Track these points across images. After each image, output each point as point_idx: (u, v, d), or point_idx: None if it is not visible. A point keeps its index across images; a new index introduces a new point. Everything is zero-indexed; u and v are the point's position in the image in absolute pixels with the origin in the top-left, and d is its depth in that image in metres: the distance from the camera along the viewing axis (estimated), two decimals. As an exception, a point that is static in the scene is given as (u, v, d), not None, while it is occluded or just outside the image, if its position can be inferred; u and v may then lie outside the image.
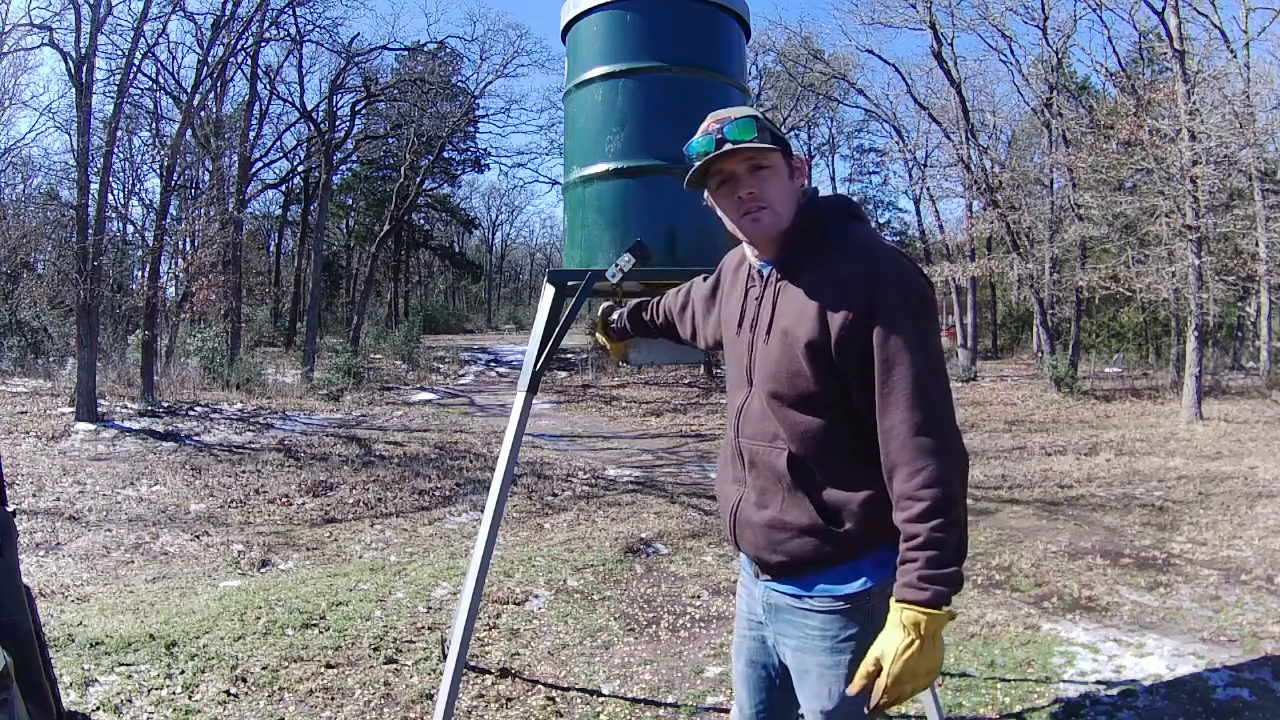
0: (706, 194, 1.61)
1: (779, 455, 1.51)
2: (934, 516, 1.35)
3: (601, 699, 3.31)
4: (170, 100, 18.61)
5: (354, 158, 27.98)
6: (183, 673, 3.35)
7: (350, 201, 36.51)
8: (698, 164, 1.53)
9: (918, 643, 1.33)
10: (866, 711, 1.37)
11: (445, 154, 30.33)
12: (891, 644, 1.34)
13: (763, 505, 1.55)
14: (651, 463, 10.27)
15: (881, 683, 1.34)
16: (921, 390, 1.39)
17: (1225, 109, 13.74)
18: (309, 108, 23.01)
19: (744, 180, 1.51)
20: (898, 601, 1.35)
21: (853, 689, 1.39)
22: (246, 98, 21.66)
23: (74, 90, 11.73)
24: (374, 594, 4.52)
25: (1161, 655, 3.69)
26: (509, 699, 3.28)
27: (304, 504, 7.68)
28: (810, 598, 1.52)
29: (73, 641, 3.62)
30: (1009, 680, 3.45)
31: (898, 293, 1.42)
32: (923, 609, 1.33)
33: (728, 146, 1.48)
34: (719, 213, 1.60)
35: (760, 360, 1.55)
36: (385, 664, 3.55)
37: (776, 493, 1.52)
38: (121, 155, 17.52)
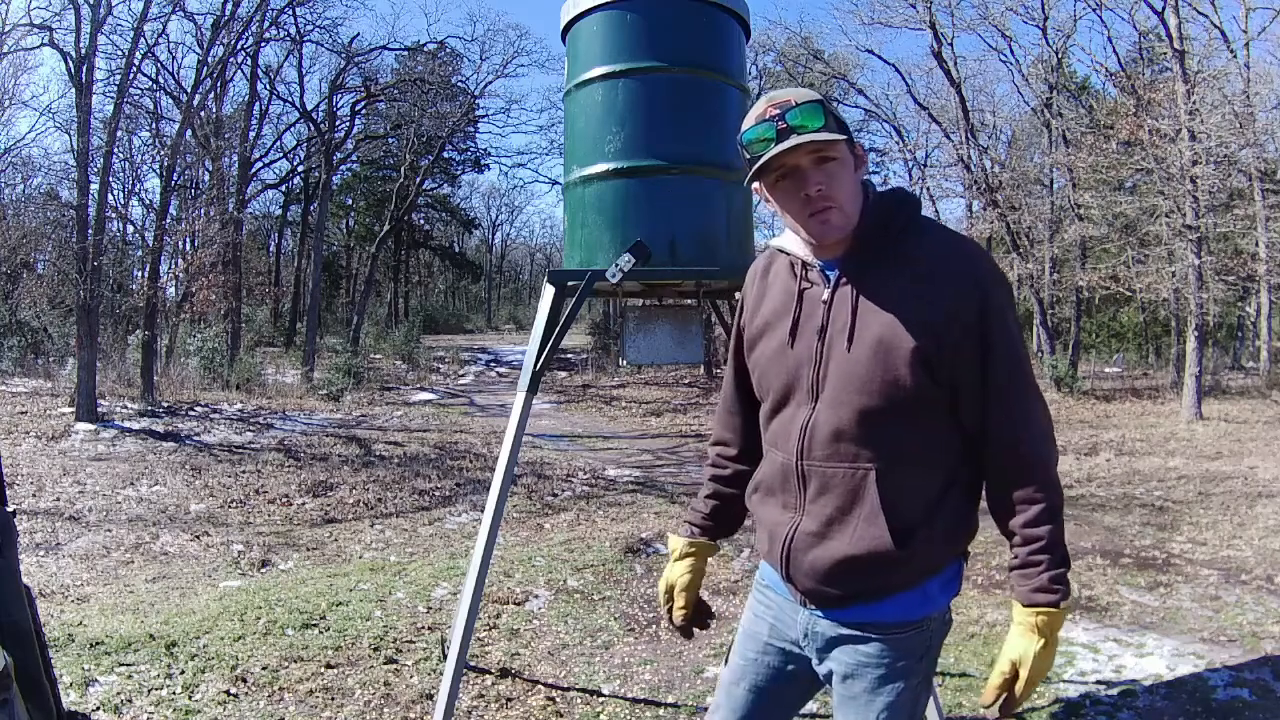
0: (757, 185, 1.42)
1: (864, 477, 1.35)
2: (1053, 519, 1.34)
3: (601, 699, 3.31)
4: (170, 100, 18.62)
5: (354, 158, 27.99)
6: (183, 673, 3.35)
7: (350, 201, 36.52)
8: (764, 157, 1.33)
9: (1047, 644, 1.33)
10: (999, 715, 1.37)
11: (445, 154, 30.35)
12: (1029, 649, 1.32)
13: (826, 535, 1.38)
14: (651, 463, 10.27)
15: (1020, 689, 1.33)
16: (1033, 389, 1.37)
17: (1225, 109, 13.74)
18: (309, 108, 23.04)
19: (810, 175, 1.33)
20: (1027, 606, 1.33)
21: (987, 698, 1.36)
22: (246, 98, 21.69)
23: (74, 90, 11.74)
24: (374, 594, 4.52)
25: (1161, 655, 3.69)
26: (509, 699, 3.28)
27: (304, 504, 7.68)
28: (871, 625, 1.40)
29: (73, 641, 3.62)
30: (1009, 680, 3.44)
31: (1001, 288, 1.36)
32: (1054, 610, 1.32)
33: (793, 140, 1.30)
34: (774, 206, 1.42)
35: (840, 371, 1.36)
36: (385, 664, 3.55)
37: (848, 521, 1.36)
38: (121, 155, 17.53)
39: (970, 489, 1.43)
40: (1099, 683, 3.43)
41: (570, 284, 2.87)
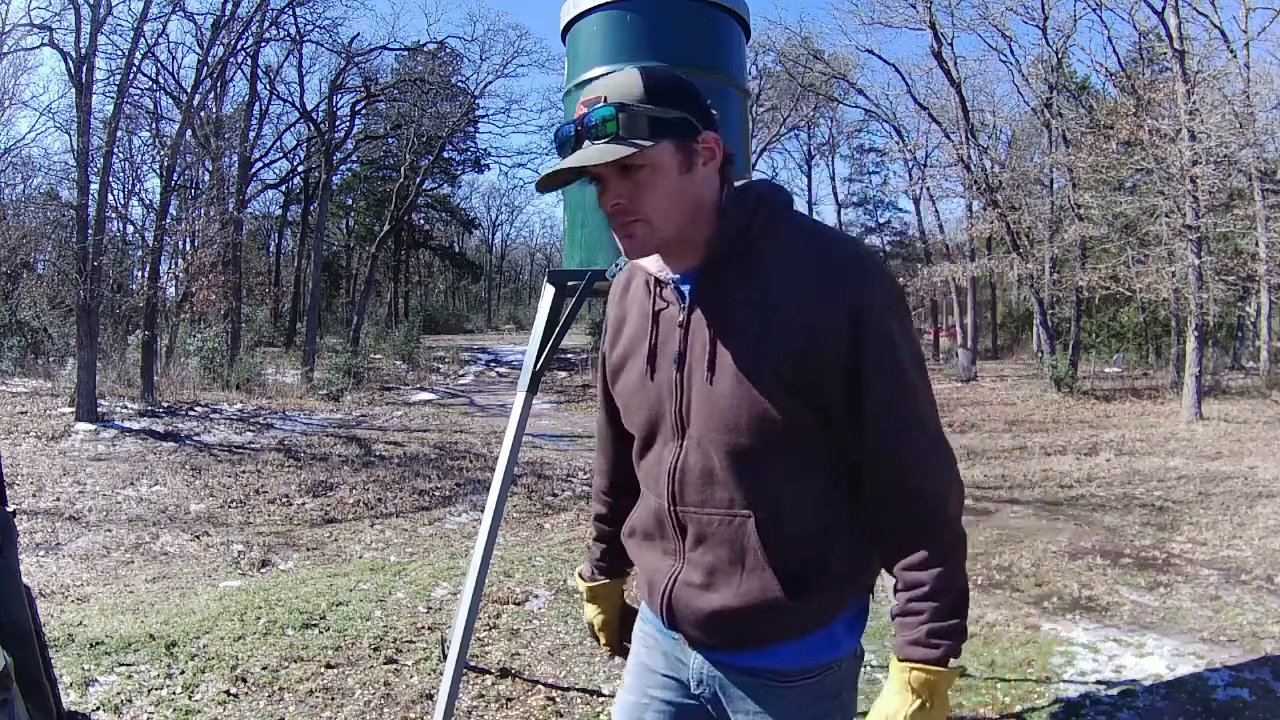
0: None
1: (741, 526, 1.19)
2: (942, 560, 1.15)
3: (601, 699, 3.31)
4: (170, 100, 18.64)
5: (354, 158, 28.00)
6: (183, 673, 3.35)
7: (350, 201, 36.52)
8: (553, 169, 1.16)
9: (929, 706, 1.14)
10: None
11: (445, 154, 30.37)
12: (900, 709, 1.14)
13: (710, 586, 1.22)
14: (651, 463, 10.25)
15: None
16: (921, 409, 1.17)
17: (1225, 109, 13.75)
18: (309, 108, 23.05)
19: (611, 186, 1.15)
20: (903, 660, 1.15)
21: None
22: (246, 98, 21.70)
23: (74, 90, 11.74)
24: (374, 594, 4.52)
25: (1161, 655, 3.69)
26: (509, 699, 3.28)
27: (304, 504, 7.68)
28: (772, 671, 1.25)
29: (73, 641, 3.62)
30: (1009, 680, 3.45)
31: (884, 294, 1.15)
32: (933, 668, 1.13)
33: (578, 156, 1.12)
34: None
35: (703, 405, 1.18)
36: (385, 664, 3.55)
37: (732, 573, 1.20)
38: (121, 155, 17.54)
39: (855, 535, 1.27)
40: (1099, 683, 3.43)
41: (570, 284, 2.87)
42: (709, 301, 1.19)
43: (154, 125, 19.52)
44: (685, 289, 1.21)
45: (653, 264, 1.26)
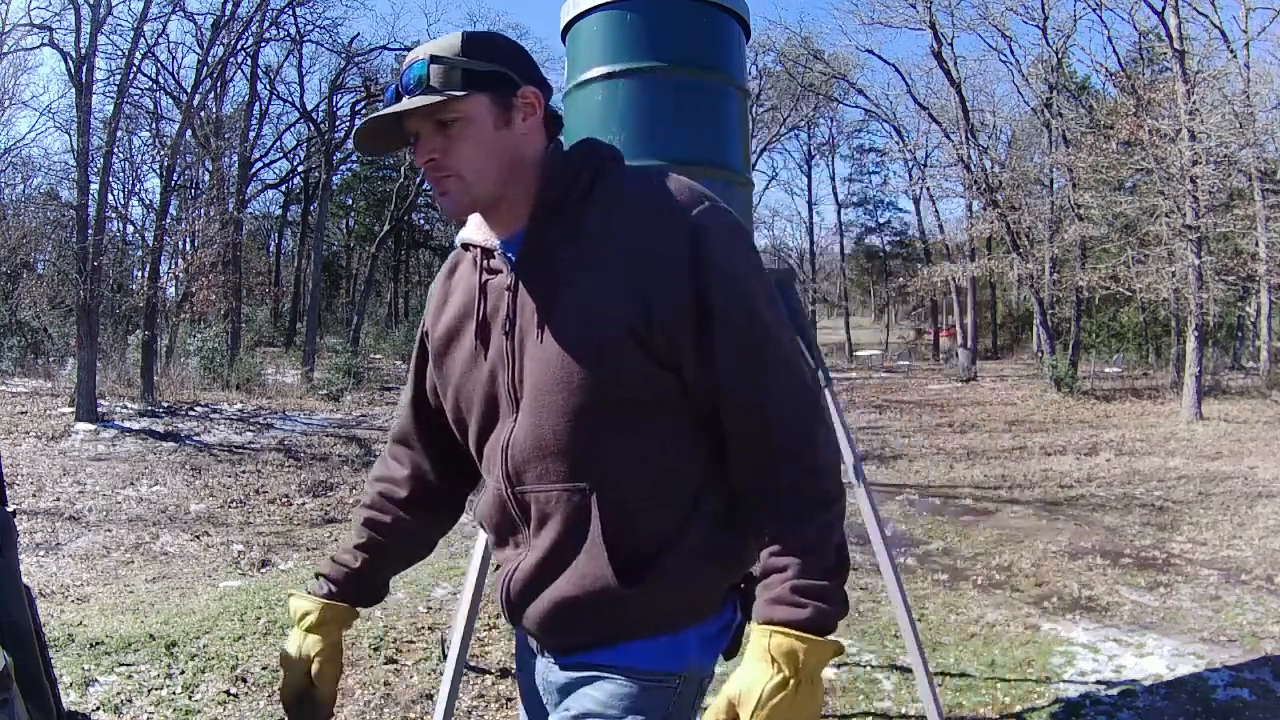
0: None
1: (583, 502, 1.06)
2: (810, 513, 1.01)
3: (601, 699, 3.30)
4: (170, 100, 18.67)
5: (354, 158, 27.97)
6: (183, 673, 3.36)
7: (350, 201, 36.55)
8: (367, 123, 1.12)
9: (793, 683, 0.95)
10: None
11: (445, 154, 30.30)
12: (756, 682, 0.95)
13: (549, 572, 1.09)
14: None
15: None
16: (782, 349, 1.06)
17: (1225, 109, 13.76)
18: (309, 108, 23.11)
19: (424, 140, 1.09)
20: (763, 624, 0.98)
21: None
22: (246, 98, 21.75)
23: (74, 90, 11.75)
24: (374, 594, 4.51)
25: (1161, 655, 3.69)
26: (509, 699, 3.28)
27: (304, 504, 7.68)
28: (604, 667, 1.09)
29: (73, 641, 3.62)
30: (1009, 680, 3.45)
31: (725, 233, 1.05)
32: (800, 634, 0.95)
33: (402, 104, 1.07)
34: None
35: (535, 368, 1.07)
36: (385, 664, 3.55)
37: (572, 556, 1.07)
38: (121, 155, 17.58)
39: (733, 507, 1.10)
40: (1099, 683, 3.43)
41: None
42: (536, 262, 1.10)
43: (154, 125, 19.56)
44: (512, 255, 1.12)
45: (479, 234, 1.17)
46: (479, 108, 1.07)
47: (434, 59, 1.06)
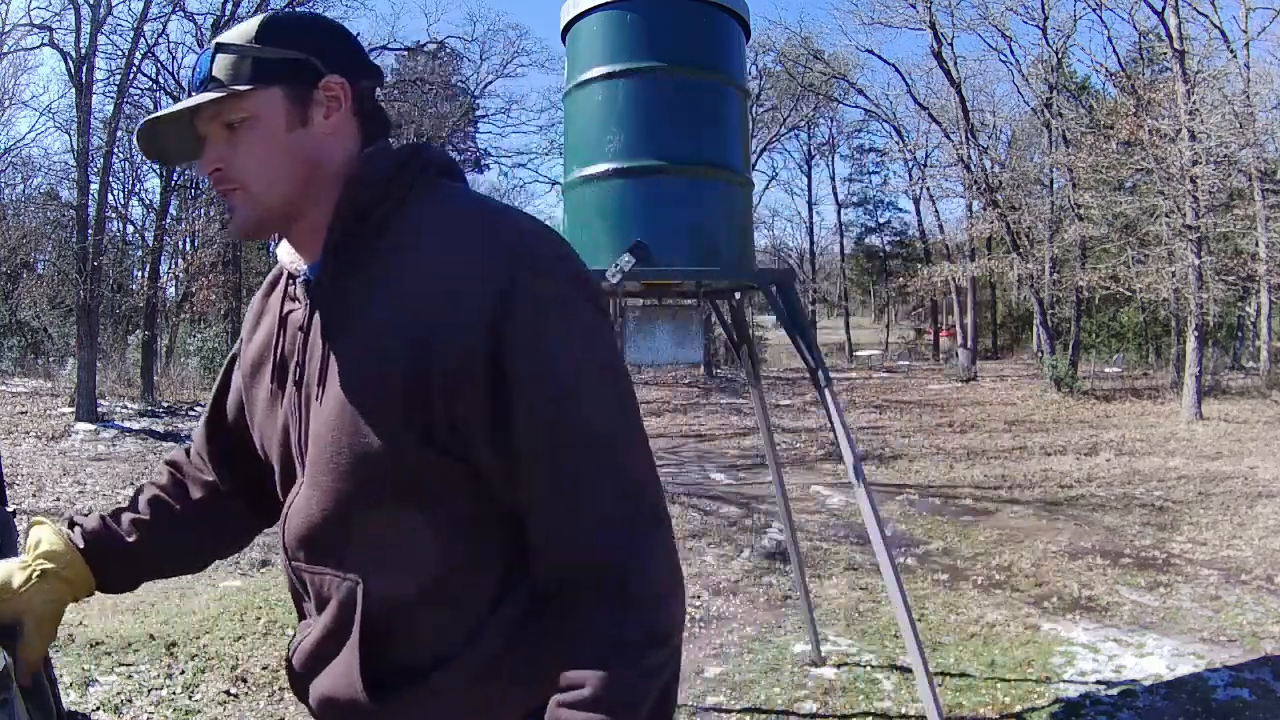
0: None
1: (351, 593, 0.88)
2: (615, 663, 0.78)
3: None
4: (170, 100, 18.64)
5: (354, 158, 28.04)
6: (183, 673, 3.36)
7: (350, 201, 36.54)
8: (144, 130, 0.91)
9: None
10: None
11: (445, 154, 30.34)
12: None
13: (322, 658, 0.93)
14: (651, 463, 10.25)
15: None
16: (604, 438, 0.84)
17: (1225, 109, 13.76)
18: (309, 108, 23.04)
19: (211, 148, 0.89)
20: None
21: None
22: (247, 98, 21.70)
23: (74, 90, 11.76)
24: (374, 594, 4.52)
25: (1161, 655, 3.69)
26: None
27: (304, 504, 7.69)
28: None
29: (73, 641, 3.62)
30: (1009, 680, 3.45)
31: (548, 283, 0.84)
32: None
33: (173, 107, 0.89)
34: None
35: (314, 438, 0.89)
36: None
37: (337, 646, 0.90)
38: (121, 155, 17.55)
39: (535, 614, 0.88)
40: (1099, 683, 3.43)
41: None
42: (326, 299, 0.90)
43: (154, 125, 19.52)
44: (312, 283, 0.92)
45: (286, 254, 0.97)
46: (269, 104, 0.87)
47: (220, 47, 0.87)
